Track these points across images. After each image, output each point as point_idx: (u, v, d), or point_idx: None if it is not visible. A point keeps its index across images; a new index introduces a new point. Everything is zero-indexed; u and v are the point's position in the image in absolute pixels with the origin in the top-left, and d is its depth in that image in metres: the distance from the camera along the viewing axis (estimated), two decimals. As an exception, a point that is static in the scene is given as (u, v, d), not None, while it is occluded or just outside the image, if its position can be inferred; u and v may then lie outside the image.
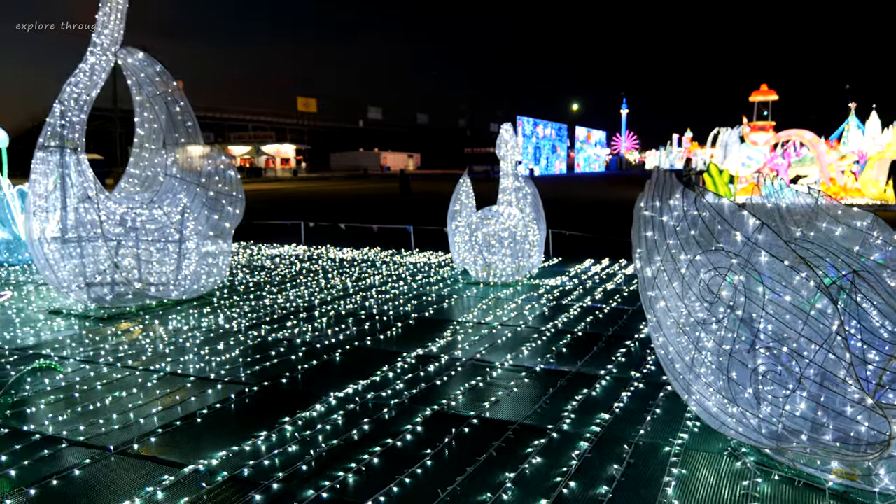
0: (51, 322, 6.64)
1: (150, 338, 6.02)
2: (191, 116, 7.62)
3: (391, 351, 5.56)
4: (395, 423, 4.03)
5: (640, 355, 5.34)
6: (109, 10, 6.96)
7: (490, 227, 8.15)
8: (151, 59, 7.43)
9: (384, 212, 21.53)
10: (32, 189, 6.78)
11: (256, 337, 6.02)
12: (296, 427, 3.98)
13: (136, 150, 7.80)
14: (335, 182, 51.71)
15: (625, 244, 10.71)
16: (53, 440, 3.83)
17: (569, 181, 49.79)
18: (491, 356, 5.38)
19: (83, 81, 6.84)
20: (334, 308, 7.14)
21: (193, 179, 7.52)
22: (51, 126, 6.74)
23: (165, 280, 7.24)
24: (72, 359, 5.40)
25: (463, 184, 8.44)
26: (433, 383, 4.75)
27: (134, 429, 3.99)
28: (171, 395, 4.57)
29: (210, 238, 7.54)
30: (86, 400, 4.47)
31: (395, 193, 33.18)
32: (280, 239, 13.17)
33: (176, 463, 3.53)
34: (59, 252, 6.77)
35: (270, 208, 22.32)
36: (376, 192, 35.26)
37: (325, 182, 51.83)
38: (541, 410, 4.23)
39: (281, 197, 30.13)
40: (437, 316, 6.79)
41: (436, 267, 9.72)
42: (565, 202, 23.22)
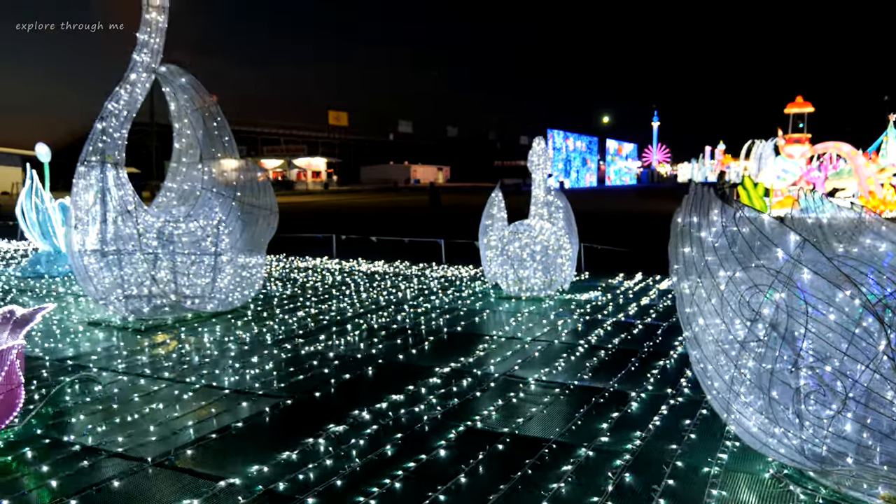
0: (90, 333, 6.76)
1: (185, 350, 6.10)
2: (227, 131, 7.74)
3: (424, 365, 5.56)
4: (428, 439, 4.02)
5: (676, 372, 5.26)
6: (150, 30, 7.12)
7: (522, 241, 8.12)
8: (189, 75, 7.58)
9: (414, 225, 21.60)
10: (74, 203, 6.93)
11: (290, 350, 6.06)
12: (330, 441, 3.99)
13: (173, 165, 7.94)
14: (365, 195, 52.09)
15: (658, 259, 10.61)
16: (92, 451, 3.89)
17: (599, 194, 49.48)
18: (524, 372, 5.34)
19: (124, 98, 7.00)
20: (367, 321, 7.17)
21: (229, 193, 7.63)
22: (92, 142, 6.90)
23: (201, 293, 7.34)
24: (110, 370, 5.49)
25: (495, 198, 8.43)
26: (466, 399, 4.73)
27: (171, 441, 4.04)
28: (207, 407, 4.62)
29: (245, 251, 7.63)
30: (124, 411, 4.53)
31: (425, 206, 33.29)
32: (312, 252, 13.28)
33: (212, 476, 3.55)
34: (99, 264, 6.90)
35: (302, 221, 22.53)
36: (406, 205, 35.42)
37: (355, 195, 52.24)
38: (575, 428, 4.18)
39: (312, 210, 30.42)
40: (469, 330, 6.78)
41: (467, 281, 9.71)
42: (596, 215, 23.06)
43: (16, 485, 3.51)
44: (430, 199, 34.90)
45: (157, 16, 7.15)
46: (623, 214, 26.34)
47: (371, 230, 16.85)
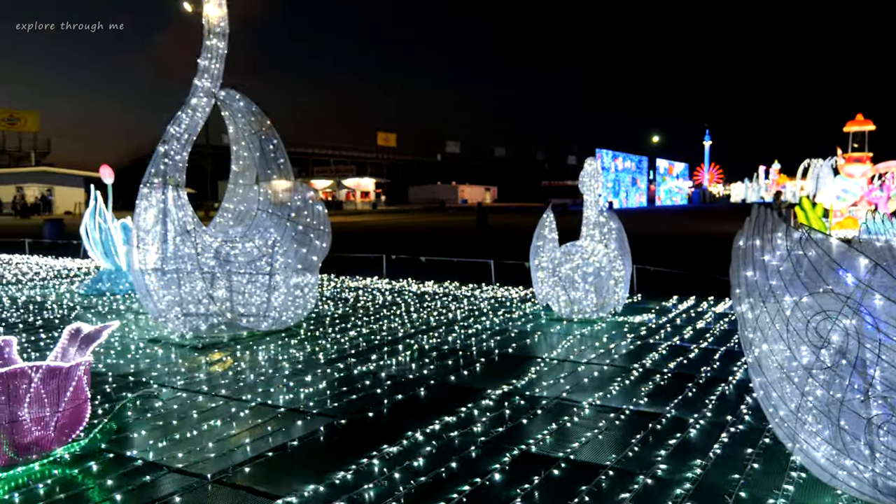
0: (150, 350, 6.94)
1: (241, 368, 6.21)
2: (283, 153, 7.92)
3: (475, 387, 5.53)
4: (482, 462, 3.99)
5: (736, 399, 5.12)
6: (211, 56, 7.36)
7: (574, 263, 8.05)
8: (247, 99, 7.79)
9: (462, 245, 21.64)
10: (136, 223, 7.16)
11: (342, 369, 6.11)
12: (384, 462, 3.99)
13: (230, 186, 8.15)
14: (413, 215, 52.46)
15: (712, 281, 10.39)
16: (154, 466, 3.98)
17: (649, 214, 48.79)
18: (577, 395, 5.27)
19: (185, 122, 7.23)
20: (418, 342, 7.19)
21: (283, 213, 7.78)
22: (154, 164, 7.13)
23: (256, 311, 7.48)
24: (169, 386, 5.63)
25: (546, 218, 8.40)
26: (519, 422, 4.69)
27: (228, 458, 4.10)
28: (263, 425, 4.68)
29: (298, 271, 7.76)
30: (183, 427, 4.63)
31: (473, 226, 33.34)
32: (362, 271, 13.41)
33: (270, 494, 3.59)
34: (159, 283, 7.10)
35: (352, 241, 22.80)
36: (454, 225, 35.54)
37: (403, 215, 52.67)
38: (632, 454, 4.10)
39: (361, 230, 30.79)
40: (521, 352, 6.73)
41: (517, 302, 9.66)
42: (647, 236, 22.74)
43: (81, 497, 3.61)
44: (478, 219, 34.93)
45: (218, 42, 7.39)
46: (675, 235, 25.91)
47: (420, 250, 16.95)
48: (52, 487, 3.71)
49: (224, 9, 7.43)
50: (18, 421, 3.87)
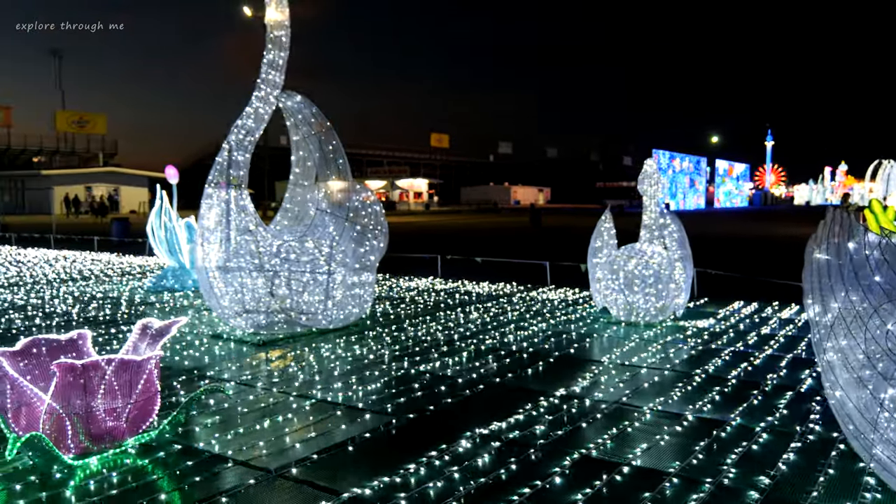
0: (213, 346, 7.13)
1: (301, 365, 6.32)
2: (342, 154, 8.02)
3: (533, 389, 5.50)
4: (542, 465, 3.96)
5: (805, 408, 4.95)
6: (273, 58, 7.50)
7: (632, 265, 7.93)
8: (308, 101, 7.92)
9: (516, 246, 21.55)
10: (200, 222, 7.36)
11: (399, 368, 6.16)
12: (443, 462, 4.00)
13: (290, 186, 8.30)
14: (466, 216, 52.50)
15: (777, 285, 10.07)
16: (220, 459, 4.08)
17: (708, 216, 47.66)
18: (637, 400, 5.19)
19: (248, 124, 7.39)
20: (474, 343, 7.18)
21: (342, 214, 7.88)
22: (218, 164, 7.31)
23: (314, 310, 7.60)
24: (232, 381, 5.76)
25: (605, 220, 8.28)
26: (578, 425, 4.64)
27: (291, 453, 4.18)
28: (324, 421, 4.75)
29: (356, 270, 7.85)
30: (246, 422, 4.73)
31: (526, 227, 33.17)
32: (417, 272, 13.49)
33: (332, 490, 3.64)
34: (222, 280, 7.28)
35: (405, 241, 22.96)
36: (507, 226, 35.42)
37: (456, 215, 52.76)
38: (696, 462, 4.00)
39: (414, 230, 30.98)
40: (579, 355, 6.66)
41: (573, 304, 9.56)
42: (706, 239, 22.18)
43: (152, 487, 3.73)
44: (531, 220, 34.75)
45: (280, 46, 7.53)
46: (735, 238, 25.23)
47: (473, 251, 16.94)
48: (124, 476, 3.85)
49: (286, 13, 7.57)
50: (93, 411, 4.02)
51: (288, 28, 7.57)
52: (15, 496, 3.59)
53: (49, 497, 3.57)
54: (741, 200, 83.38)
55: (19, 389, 3.95)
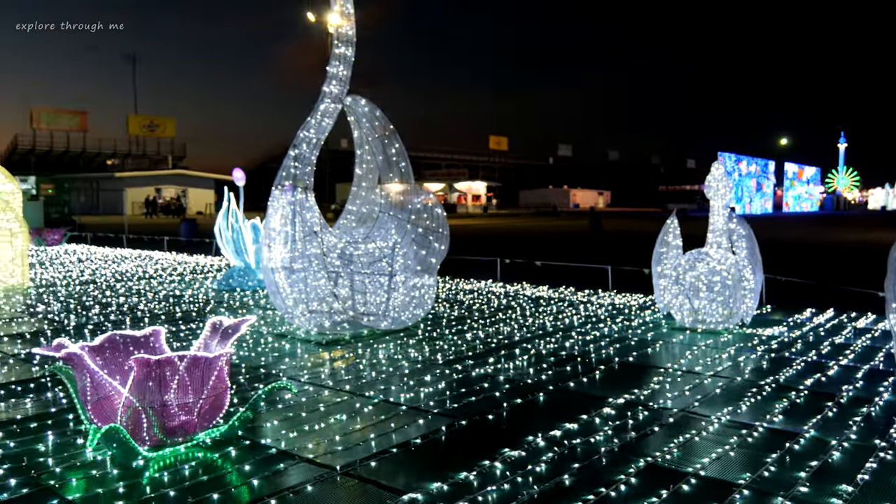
0: (277, 344, 7.29)
1: (363, 365, 6.40)
2: (404, 157, 8.10)
3: (596, 395, 5.43)
4: (606, 472, 3.91)
5: (884, 422, 4.74)
6: (339, 62, 7.63)
7: (699, 271, 7.74)
8: (372, 104, 8.03)
9: (576, 250, 21.32)
10: (267, 223, 7.53)
11: (460, 371, 6.17)
12: (506, 465, 3.99)
13: (353, 189, 8.42)
14: (524, 218, 52.26)
15: (851, 293, 9.69)
16: (286, 455, 4.17)
17: (777, 221, 46.17)
18: (704, 409, 5.06)
19: (314, 127, 7.52)
20: (534, 347, 7.14)
21: (404, 216, 7.96)
22: (285, 167, 7.47)
23: (376, 311, 7.68)
24: (296, 380, 5.88)
25: (670, 224, 8.12)
26: (643, 433, 4.55)
27: (355, 451, 4.23)
28: (386, 421, 4.80)
29: (417, 272, 7.91)
30: (311, 420, 4.82)
31: (586, 231, 32.79)
32: (476, 274, 13.49)
33: (395, 489, 3.68)
34: (287, 281, 7.43)
35: (463, 244, 23.00)
36: (566, 230, 35.09)
37: (514, 218, 52.57)
38: (768, 474, 3.88)
39: (472, 233, 31.01)
40: (642, 361, 6.54)
41: (636, 309, 9.40)
42: (775, 244, 21.48)
43: (222, 481, 3.83)
44: (591, 223, 34.33)
45: (345, 49, 7.65)
46: (805, 244, 24.36)
47: (532, 254, 16.84)
48: (195, 469, 3.97)
49: (352, 17, 7.69)
50: (166, 405, 4.16)
51: (353, 33, 7.68)
52: (94, 485, 3.75)
53: (126, 487, 3.72)
54: (811, 205, 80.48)
55: (99, 383, 4.12)
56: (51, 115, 74.00)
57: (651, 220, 47.86)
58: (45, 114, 73.57)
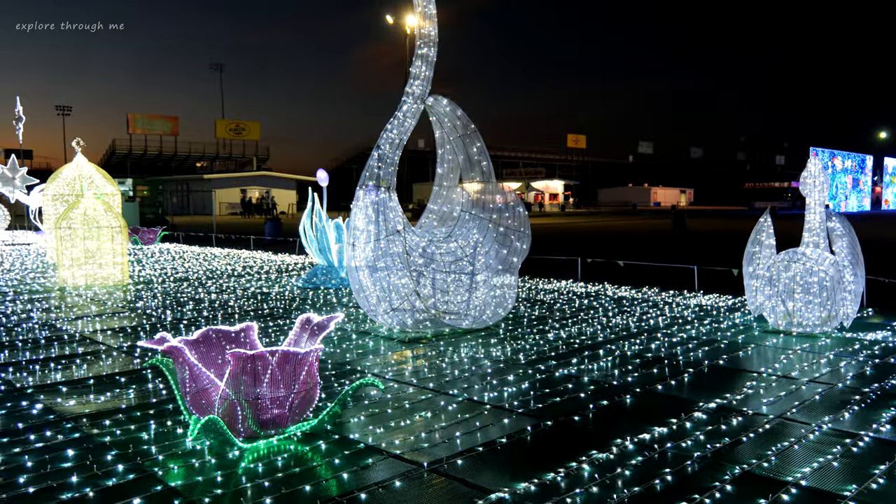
0: (361, 341, 7.42)
1: (445, 363, 6.43)
2: (486, 156, 8.09)
3: (685, 399, 5.27)
4: (699, 478, 3.78)
5: None
6: (421, 63, 7.69)
7: (794, 271, 7.40)
8: (454, 104, 8.06)
9: (658, 249, 20.79)
10: (352, 222, 7.68)
11: (544, 371, 6.11)
12: (593, 468, 3.92)
13: (435, 188, 8.48)
14: (603, 217, 51.36)
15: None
16: (374, 450, 4.24)
17: (876, 219, 43.65)
18: (803, 416, 4.83)
19: (397, 127, 7.62)
20: (619, 348, 7.00)
21: (486, 215, 7.95)
22: (369, 167, 7.60)
23: (457, 309, 7.71)
24: (380, 377, 5.97)
25: (763, 223, 7.79)
26: (738, 439, 4.38)
27: (441, 449, 4.26)
28: (471, 420, 4.81)
29: (499, 271, 7.89)
30: (397, 416, 4.88)
31: (668, 230, 31.93)
32: (556, 274, 13.34)
33: (482, 488, 3.67)
34: (370, 279, 7.56)
35: (541, 243, 22.81)
36: (647, 229, 34.27)
37: (592, 217, 51.75)
38: (876, 486, 3.66)
39: (551, 231, 30.71)
40: (733, 365, 6.30)
41: (725, 311, 9.07)
42: (874, 243, 20.32)
43: (312, 473, 3.93)
44: (674, 222, 33.40)
45: (428, 50, 7.71)
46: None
47: (613, 253, 16.53)
48: (287, 461, 4.08)
49: (434, 19, 7.74)
50: (259, 398, 4.30)
51: (435, 34, 7.73)
52: (194, 473, 3.91)
53: (223, 476, 3.86)
54: (914, 202, 75.63)
55: (197, 375, 4.30)
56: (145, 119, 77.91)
57: (737, 218, 46.13)
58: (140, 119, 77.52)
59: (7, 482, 3.75)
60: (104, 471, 3.91)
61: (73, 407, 5.12)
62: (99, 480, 3.78)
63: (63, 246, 12.10)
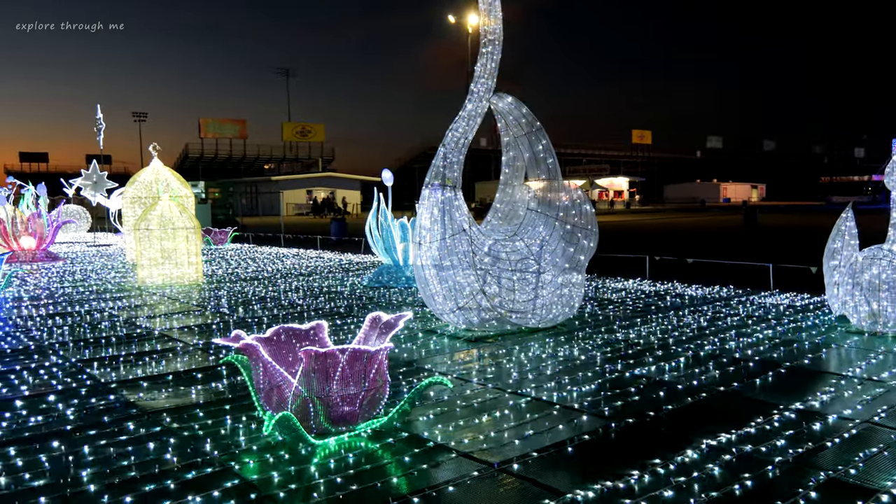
0: (427, 340, 7.45)
1: (512, 362, 6.39)
2: (551, 154, 8.00)
3: (763, 401, 5.08)
4: (781, 484, 3.64)
5: None
6: (486, 62, 7.67)
7: (879, 269, 7.04)
8: (518, 102, 8.00)
9: (729, 246, 20.16)
10: (418, 221, 7.71)
11: (613, 371, 6.00)
12: (668, 471, 3.82)
13: (501, 186, 8.44)
14: (670, 214, 50.19)
15: None
16: (444, 449, 4.24)
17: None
18: (892, 421, 4.59)
19: (462, 126, 7.61)
20: (691, 348, 6.81)
21: (552, 213, 7.86)
22: (434, 166, 7.62)
23: (523, 308, 7.66)
24: (448, 375, 5.97)
25: (846, 218, 7.45)
26: (821, 444, 4.20)
27: (510, 448, 4.23)
28: (540, 420, 4.76)
29: (565, 270, 7.79)
30: (465, 415, 4.88)
31: (739, 226, 30.95)
32: (624, 272, 13.10)
33: (553, 489, 3.63)
34: (437, 278, 7.57)
35: (607, 240, 22.43)
36: (716, 226, 33.29)
37: (658, 214, 50.63)
38: (977, 497, 3.44)
39: (616, 229, 30.19)
40: (815, 367, 6.04)
41: (803, 311, 8.71)
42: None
43: (383, 471, 3.96)
44: (745, 218, 32.36)
45: (493, 49, 7.67)
46: None
47: (681, 251, 16.12)
48: (358, 458, 4.13)
49: (499, 17, 7.69)
50: (331, 396, 4.36)
51: (500, 32, 7.68)
52: (268, 468, 4.00)
53: (296, 471, 3.93)
54: None
55: (271, 372, 4.40)
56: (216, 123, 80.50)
57: (812, 213, 44.32)
58: (210, 123, 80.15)
59: (95, 473, 3.92)
60: (184, 464, 4.04)
61: (153, 402, 5.32)
62: (179, 473, 3.91)
63: (141, 247, 12.60)
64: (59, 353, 6.99)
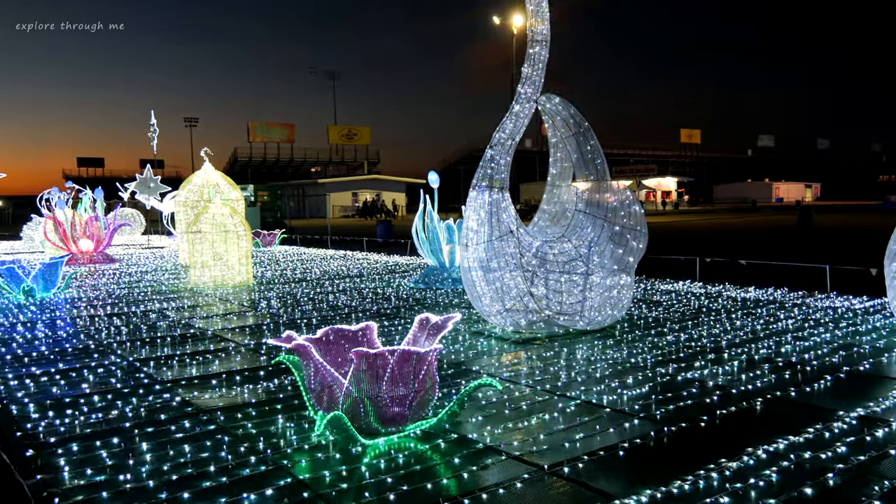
0: (475, 341, 7.44)
1: (561, 364, 6.34)
2: (599, 154, 7.92)
3: (823, 407, 4.93)
4: (843, 492, 3.52)
5: None
6: (534, 63, 7.63)
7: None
8: (566, 102, 7.94)
9: (781, 248, 19.63)
10: (465, 223, 7.72)
11: (664, 374, 5.90)
12: (723, 477, 3.74)
13: (548, 187, 8.39)
14: (720, 215, 49.12)
15: None
16: (493, 451, 4.23)
17: None
18: (961, 429, 4.40)
19: (509, 128, 7.58)
20: (745, 351, 6.65)
21: (600, 214, 7.78)
22: (482, 168, 7.61)
23: (571, 310, 7.59)
24: (496, 377, 5.95)
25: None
26: (884, 452, 4.05)
27: (561, 451, 4.19)
28: (591, 423, 4.71)
29: (614, 271, 7.69)
30: (514, 417, 4.86)
31: (792, 227, 30.11)
32: (673, 273, 12.88)
33: (605, 492, 3.58)
34: (484, 279, 7.57)
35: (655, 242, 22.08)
36: (768, 226, 32.46)
37: (708, 215, 49.60)
38: None
39: (664, 230, 29.68)
40: (876, 371, 5.84)
41: (863, 314, 8.42)
42: None
43: (432, 472, 3.97)
44: (799, 218, 31.47)
45: (540, 50, 7.63)
46: None
47: (732, 252, 15.76)
48: (408, 459, 4.15)
49: (546, 18, 7.65)
50: (381, 396, 4.39)
51: (547, 32, 7.64)
52: (320, 467, 4.05)
53: (347, 471, 3.97)
54: None
55: (322, 373, 4.45)
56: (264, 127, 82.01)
57: (869, 213, 42.83)
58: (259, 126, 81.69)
59: (153, 470, 4.03)
60: (238, 462, 4.12)
61: (207, 400, 5.44)
62: (234, 471, 3.99)
63: (193, 249, 12.90)
64: (118, 352, 7.21)
